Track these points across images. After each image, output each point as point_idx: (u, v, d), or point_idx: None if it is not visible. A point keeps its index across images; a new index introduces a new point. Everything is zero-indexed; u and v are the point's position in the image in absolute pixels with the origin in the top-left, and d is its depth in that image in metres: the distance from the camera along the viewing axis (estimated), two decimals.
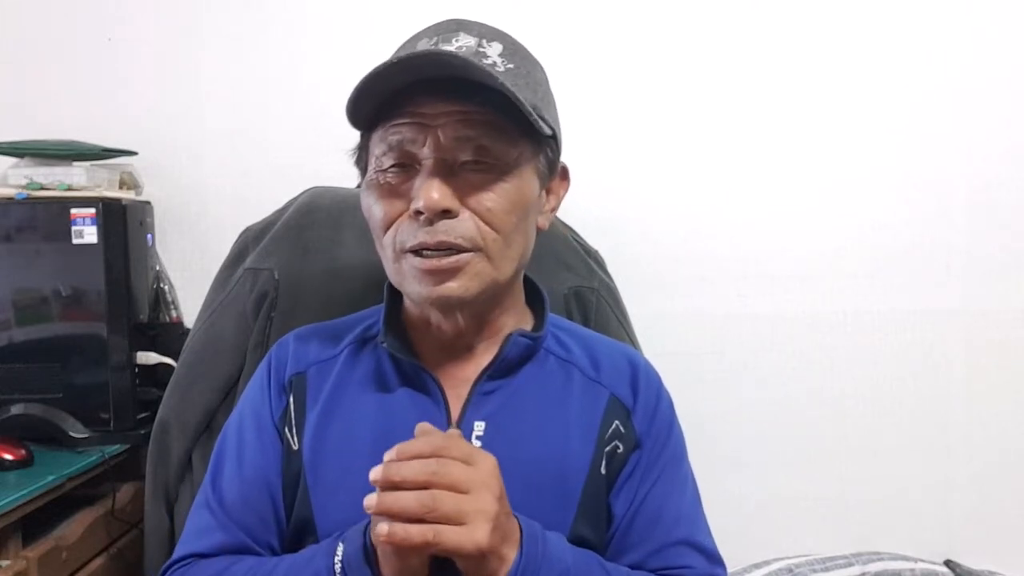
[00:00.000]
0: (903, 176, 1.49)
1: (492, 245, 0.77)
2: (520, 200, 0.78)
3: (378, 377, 0.83)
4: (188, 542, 0.83)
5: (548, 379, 0.85)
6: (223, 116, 1.50)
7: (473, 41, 0.76)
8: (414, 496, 0.64)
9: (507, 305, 0.85)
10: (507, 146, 0.76)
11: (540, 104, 0.78)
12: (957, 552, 1.49)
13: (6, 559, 1.03)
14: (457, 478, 0.65)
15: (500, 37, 0.79)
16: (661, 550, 0.81)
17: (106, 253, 1.26)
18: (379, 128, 0.78)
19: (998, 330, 1.50)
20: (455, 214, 0.75)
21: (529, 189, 0.79)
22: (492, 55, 0.76)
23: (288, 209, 1.13)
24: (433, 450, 0.66)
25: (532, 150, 0.79)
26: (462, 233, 0.75)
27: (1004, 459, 1.51)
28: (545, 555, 0.70)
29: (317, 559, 0.72)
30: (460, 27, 0.78)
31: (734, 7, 1.49)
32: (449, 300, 0.77)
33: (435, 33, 0.78)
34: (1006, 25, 1.48)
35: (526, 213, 0.79)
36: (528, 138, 0.78)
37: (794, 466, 1.52)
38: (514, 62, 0.77)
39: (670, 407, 0.89)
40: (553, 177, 0.84)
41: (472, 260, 0.76)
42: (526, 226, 0.80)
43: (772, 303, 1.51)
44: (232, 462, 0.84)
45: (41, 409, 1.25)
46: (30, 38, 1.51)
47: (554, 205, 0.86)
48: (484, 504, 0.66)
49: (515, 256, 0.80)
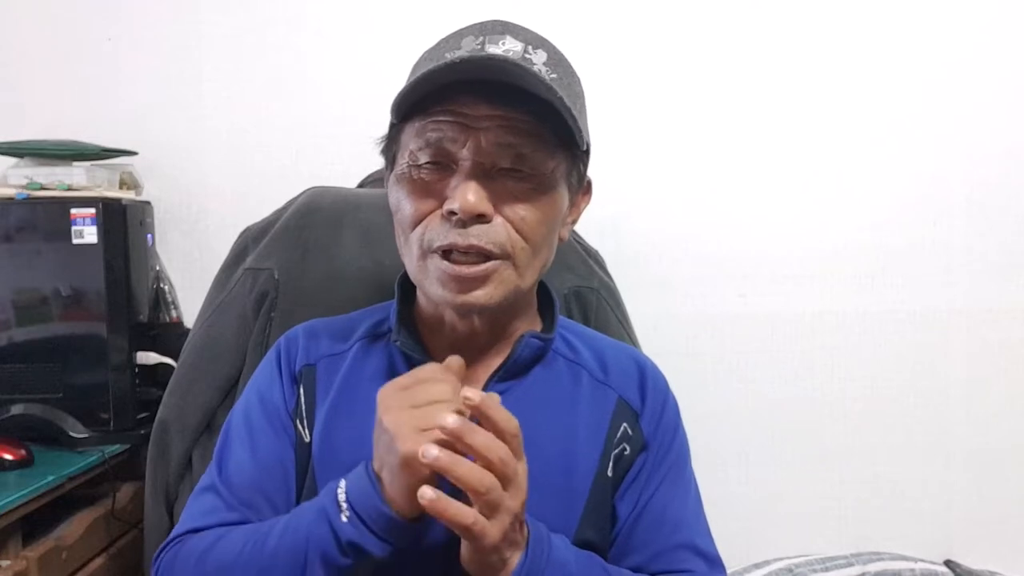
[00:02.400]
0: (903, 176, 1.50)
1: (520, 254, 0.76)
2: (552, 212, 0.78)
3: (390, 374, 0.83)
4: (188, 521, 0.81)
5: (557, 381, 0.85)
6: (223, 116, 1.50)
7: (520, 46, 0.75)
8: (480, 476, 0.64)
9: (521, 310, 0.85)
10: (546, 157, 0.76)
11: (579, 116, 0.77)
12: (957, 552, 1.49)
13: (6, 559, 1.03)
14: (511, 474, 0.66)
15: (544, 45, 0.78)
16: (663, 553, 0.82)
17: (106, 253, 1.26)
18: (415, 121, 0.76)
19: (998, 330, 1.50)
20: (489, 219, 0.74)
21: (561, 201, 0.79)
22: (538, 62, 0.75)
23: (288, 209, 1.13)
24: (513, 434, 0.67)
25: (568, 163, 0.79)
26: (493, 239, 0.75)
27: (1004, 459, 1.51)
28: (550, 560, 0.70)
29: (320, 498, 0.72)
30: (506, 30, 0.77)
31: (735, 8, 1.49)
32: (473, 308, 0.77)
33: (480, 33, 0.76)
34: (1006, 25, 1.48)
35: (555, 225, 0.80)
36: (566, 150, 0.78)
37: (794, 466, 1.52)
38: (558, 72, 0.76)
39: (676, 410, 0.89)
40: (580, 190, 0.84)
41: (500, 268, 0.76)
42: (553, 238, 0.81)
43: (772, 303, 1.51)
44: (242, 448, 0.83)
45: (41, 409, 1.25)
46: (30, 38, 1.51)
47: (575, 217, 0.86)
48: (515, 506, 0.67)
49: (539, 266, 0.80)
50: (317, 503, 0.71)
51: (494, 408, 0.66)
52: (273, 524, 0.74)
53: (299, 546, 0.70)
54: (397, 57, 0.99)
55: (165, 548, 0.80)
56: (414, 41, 0.84)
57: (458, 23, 0.82)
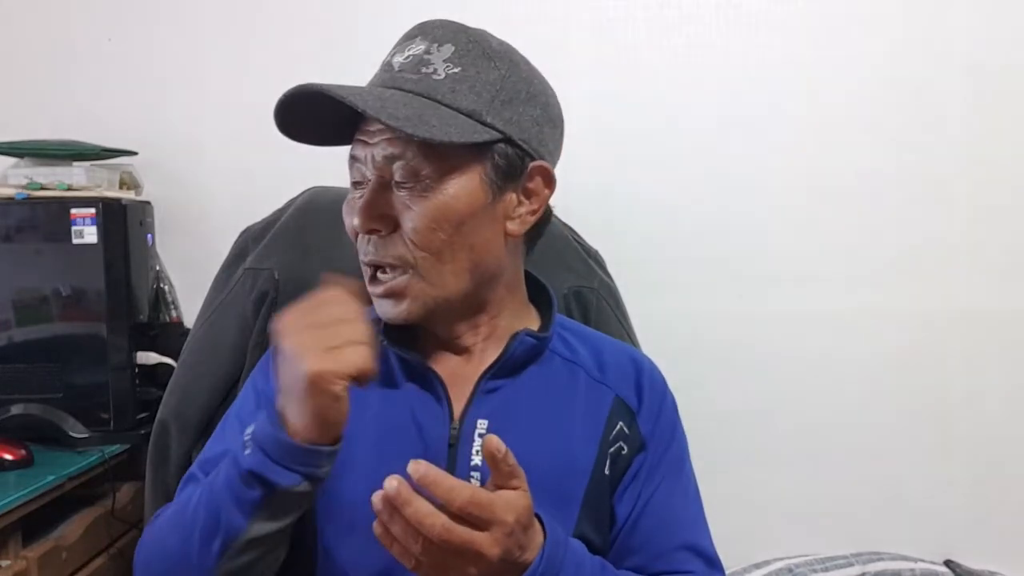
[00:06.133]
0: (904, 176, 1.49)
1: (422, 263, 0.77)
2: (448, 215, 0.76)
3: (383, 372, 0.83)
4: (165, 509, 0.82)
5: (553, 379, 0.84)
6: (223, 116, 1.51)
7: (422, 48, 0.78)
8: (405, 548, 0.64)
9: (502, 307, 0.84)
10: (437, 161, 0.75)
11: (485, 108, 0.76)
12: (957, 552, 1.49)
13: (6, 559, 1.03)
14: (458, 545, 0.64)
15: (456, 38, 0.78)
16: (663, 554, 0.82)
17: (106, 253, 1.26)
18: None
19: (998, 330, 1.50)
20: (385, 233, 0.77)
21: (465, 201, 0.76)
22: (436, 62, 0.76)
23: (288, 209, 1.13)
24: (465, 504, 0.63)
25: (471, 159, 0.77)
26: (391, 252, 0.77)
27: (1004, 459, 1.51)
28: (564, 562, 0.70)
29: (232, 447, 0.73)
30: (421, 31, 0.80)
31: (736, 8, 1.49)
32: (396, 322, 0.79)
33: (403, 40, 0.81)
34: (1006, 25, 1.48)
35: (460, 226, 0.77)
36: (465, 148, 0.76)
37: (794, 466, 1.52)
38: (461, 65, 0.76)
39: (674, 409, 0.89)
40: (517, 180, 0.80)
41: (408, 282, 0.77)
42: (467, 239, 0.77)
43: (772, 303, 1.51)
44: (228, 442, 0.82)
45: (41, 409, 1.25)
46: (31, 38, 1.51)
47: (534, 208, 0.82)
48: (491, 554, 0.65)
49: (458, 271, 0.78)
50: (230, 453, 0.73)
51: (435, 481, 0.63)
52: (209, 483, 0.74)
53: (216, 492, 0.71)
54: None
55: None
56: None
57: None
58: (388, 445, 0.79)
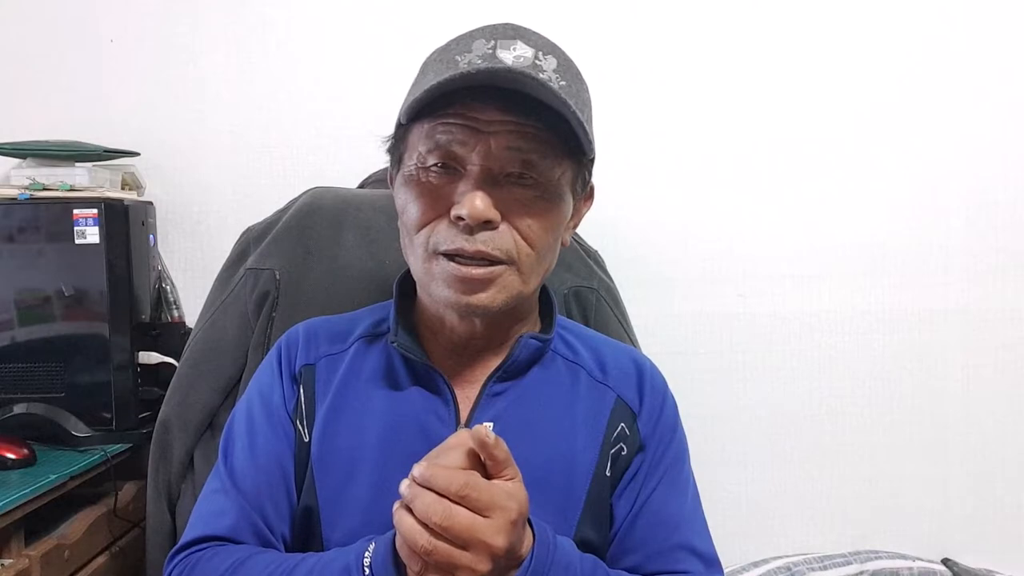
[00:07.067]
0: (903, 176, 1.50)
1: (525, 260, 0.77)
2: (557, 219, 0.79)
3: (388, 375, 0.83)
4: (199, 525, 0.81)
5: (555, 381, 0.85)
6: (224, 116, 1.51)
7: (531, 52, 0.74)
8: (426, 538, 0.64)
9: (523, 313, 0.85)
10: (553, 164, 0.76)
11: (588, 124, 0.77)
12: (955, 550, 1.49)
13: (9, 558, 1.03)
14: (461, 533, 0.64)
15: (554, 51, 0.77)
16: (660, 554, 0.82)
17: (108, 253, 1.26)
18: (424, 122, 0.76)
19: (996, 330, 1.51)
20: (495, 226, 0.75)
21: (566, 208, 0.80)
22: (547, 69, 0.74)
23: (289, 209, 1.14)
24: (461, 493, 0.64)
25: (574, 171, 0.79)
26: (499, 245, 0.75)
27: (1002, 458, 1.52)
28: (555, 562, 0.70)
29: (347, 554, 0.71)
30: (517, 34, 0.76)
31: (736, 8, 1.49)
32: (476, 310, 0.77)
33: (491, 36, 0.75)
34: (1005, 25, 1.48)
35: (559, 232, 0.81)
36: (572, 158, 0.78)
37: (793, 465, 1.52)
38: (567, 79, 0.76)
39: (674, 410, 0.89)
40: (583, 196, 0.85)
41: (504, 273, 0.76)
42: (556, 244, 0.81)
43: (772, 303, 1.52)
44: (244, 448, 0.83)
45: (43, 408, 1.26)
46: (32, 39, 1.51)
47: (577, 222, 0.86)
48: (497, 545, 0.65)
49: (543, 271, 0.81)
50: (344, 559, 0.71)
51: (434, 473, 0.64)
52: (298, 563, 0.74)
53: None
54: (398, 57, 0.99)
55: (179, 554, 0.80)
56: (415, 41, 0.84)
57: (457, 23, 0.82)
58: (394, 447, 0.79)
